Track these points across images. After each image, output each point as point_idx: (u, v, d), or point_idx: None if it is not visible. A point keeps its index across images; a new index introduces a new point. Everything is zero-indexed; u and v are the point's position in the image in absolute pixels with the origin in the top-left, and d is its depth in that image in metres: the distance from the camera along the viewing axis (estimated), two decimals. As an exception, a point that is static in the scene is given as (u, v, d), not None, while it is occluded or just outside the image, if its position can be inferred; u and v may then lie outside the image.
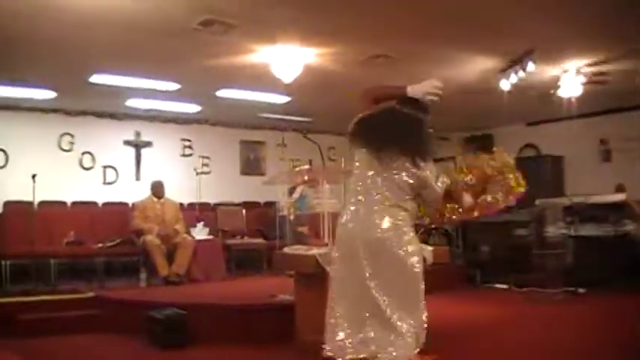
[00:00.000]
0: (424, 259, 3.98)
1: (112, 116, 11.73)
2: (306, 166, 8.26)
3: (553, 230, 9.99)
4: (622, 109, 12.03)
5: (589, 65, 9.08)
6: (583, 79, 9.40)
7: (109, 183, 11.76)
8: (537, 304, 8.45)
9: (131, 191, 11.43)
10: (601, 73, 9.41)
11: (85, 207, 11.04)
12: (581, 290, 8.90)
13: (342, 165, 11.45)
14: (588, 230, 9.56)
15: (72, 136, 11.34)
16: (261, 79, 9.00)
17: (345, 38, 7.74)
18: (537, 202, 10.52)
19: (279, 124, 13.27)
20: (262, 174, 13.38)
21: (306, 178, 7.31)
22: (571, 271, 9.56)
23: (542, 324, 7.18)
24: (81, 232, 9.71)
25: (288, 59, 8.22)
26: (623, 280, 9.00)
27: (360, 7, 6.77)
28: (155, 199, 9.86)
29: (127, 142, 12.03)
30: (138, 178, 11.98)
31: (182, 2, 6.40)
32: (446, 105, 11.76)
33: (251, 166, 13.64)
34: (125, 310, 7.08)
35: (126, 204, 11.27)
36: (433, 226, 8.55)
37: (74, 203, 11.05)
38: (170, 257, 9.13)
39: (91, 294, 7.70)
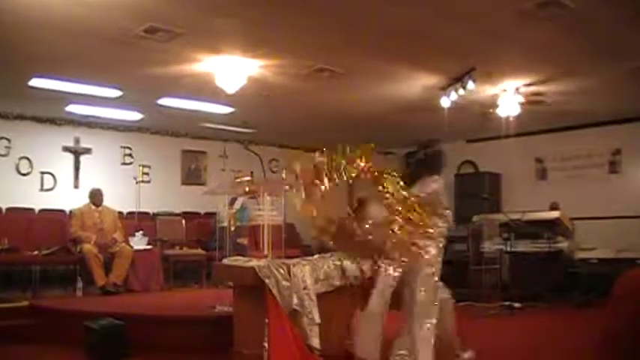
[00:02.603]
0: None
1: (52, 121, 11.55)
2: (248, 178, 8.24)
3: (490, 246, 10.18)
4: (557, 129, 12.37)
5: (527, 85, 9.32)
6: (521, 99, 9.63)
7: (47, 189, 11.55)
8: (474, 318, 8.57)
9: (69, 198, 11.26)
10: (538, 93, 9.67)
11: (21, 213, 10.81)
12: (516, 305, 9.07)
13: (283, 177, 11.49)
14: (524, 246, 9.78)
15: (8, 140, 11.13)
16: (205, 88, 8.97)
17: (290, 51, 7.79)
18: (475, 218, 10.71)
19: (221, 135, 13.24)
20: (203, 184, 13.34)
21: (247, 189, 7.30)
22: (507, 286, 9.75)
23: (478, 338, 7.29)
24: (16, 239, 9.48)
25: (232, 70, 8.22)
26: (557, 295, 9.24)
27: (305, 21, 6.84)
28: (93, 207, 9.71)
29: (66, 149, 11.84)
30: (76, 186, 11.81)
31: (127, 9, 6.35)
32: (389, 120, 11.89)
33: (192, 176, 13.57)
34: (61, 320, 6.95)
35: (63, 211, 11.10)
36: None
37: (9, 209, 10.83)
38: (108, 266, 9.00)
39: (25, 303, 7.55)
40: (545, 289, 9.37)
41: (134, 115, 11.49)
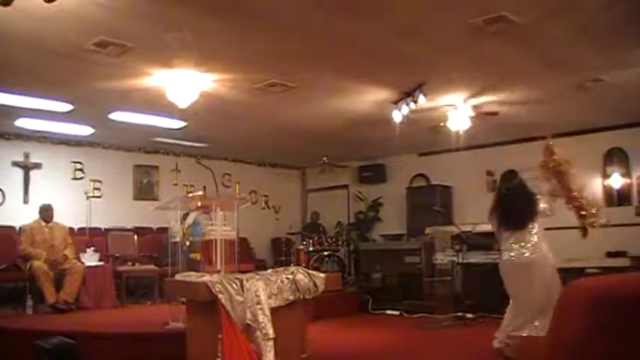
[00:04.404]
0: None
1: (0, 136, 11.36)
2: (200, 192, 8.22)
3: (442, 258, 10.26)
4: (507, 142, 12.55)
5: (476, 99, 9.46)
6: (471, 113, 9.77)
7: (-5, 206, 11.33)
8: (427, 329, 8.65)
9: (18, 215, 11.02)
10: (491, 112, 9.84)
11: (-32, 230, 10.57)
12: (469, 316, 9.17)
13: (237, 191, 11.46)
14: (475, 257, 9.88)
15: (-44, 155, 10.90)
16: (156, 102, 8.92)
17: (241, 65, 7.79)
18: (427, 230, 10.80)
19: (173, 149, 13.17)
20: (155, 199, 13.20)
21: (199, 204, 7.27)
22: (459, 297, 9.85)
23: (431, 349, 7.36)
24: (-37, 257, 9.29)
25: (184, 84, 8.19)
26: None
27: (258, 35, 6.85)
28: (44, 224, 9.58)
29: (16, 164, 11.64)
30: (26, 201, 11.60)
31: (77, 22, 6.27)
32: (342, 134, 11.92)
33: (144, 190, 13.44)
34: (10, 340, 6.82)
35: (13, 228, 10.86)
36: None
37: (-44, 226, 10.58)
38: (58, 283, 8.89)
39: (-28, 322, 7.40)
40: (497, 299, 9.46)
41: (85, 130, 11.37)
